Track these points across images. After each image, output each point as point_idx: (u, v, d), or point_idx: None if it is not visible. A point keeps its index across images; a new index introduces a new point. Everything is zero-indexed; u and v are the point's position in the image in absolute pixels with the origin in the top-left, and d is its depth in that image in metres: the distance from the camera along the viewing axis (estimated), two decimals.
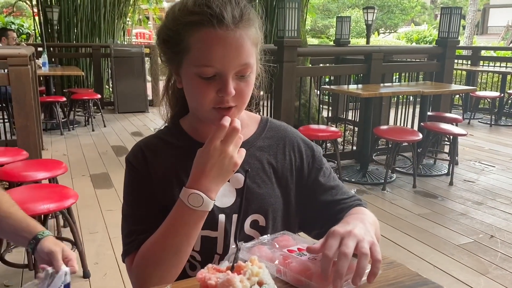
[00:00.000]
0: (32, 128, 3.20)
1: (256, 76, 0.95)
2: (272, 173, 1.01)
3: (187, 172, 0.95)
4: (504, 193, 3.94)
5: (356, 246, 0.74)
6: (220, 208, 0.96)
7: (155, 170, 0.96)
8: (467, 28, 18.94)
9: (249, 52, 0.87)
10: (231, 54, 0.84)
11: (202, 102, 0.88)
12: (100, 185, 3.98)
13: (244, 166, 0.97)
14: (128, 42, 10.62)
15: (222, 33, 0.83)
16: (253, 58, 0.89)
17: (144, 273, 0.89)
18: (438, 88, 4.51)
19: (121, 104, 7.47)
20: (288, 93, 4.23)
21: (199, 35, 0.85)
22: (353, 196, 1.04)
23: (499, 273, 2.60)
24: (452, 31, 4.86)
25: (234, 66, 0.85)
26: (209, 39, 0.84)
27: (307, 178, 1.03)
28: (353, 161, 4.82)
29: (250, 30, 0.87)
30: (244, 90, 0.89)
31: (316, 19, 22.25)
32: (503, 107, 7.38)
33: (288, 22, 4.05)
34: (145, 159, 0.97)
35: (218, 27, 0.83)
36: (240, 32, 0.85)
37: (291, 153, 1.03)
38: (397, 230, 3.16)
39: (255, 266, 0.59)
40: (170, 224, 0.87)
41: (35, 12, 8.60)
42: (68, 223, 2.44)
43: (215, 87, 0.86)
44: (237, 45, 0.85)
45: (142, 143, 1.01)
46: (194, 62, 0.86)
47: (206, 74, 0.85)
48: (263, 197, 0.98)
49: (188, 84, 0.90)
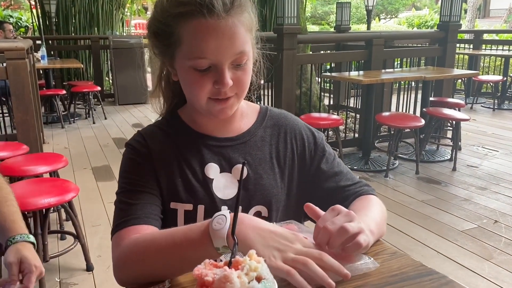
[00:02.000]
0: (32, 122, 3.18)
1: (253, 62, 0.92)
2: (274, 163, 0.99)
3: (188, 162, 0.94)
4: (508, 177, 3.92)
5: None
6: (223, 199, 0.94)
7: (157, 157, 0.93)
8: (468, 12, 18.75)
9: (243, 39, 0.84)
10: (225, 44, 0.81)
11: (199, 94, 0.86)
12: (102, 178, 3.97)
13: (246, 158, 0.97)
14: (127, 33, 10.55)
15: (214, 23, 0.80)
16: (248, 45, 0.86)
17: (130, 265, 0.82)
18: (440, 73, 4.47)
19: (122, 96, 7.44)
20: (289, 81, 4.20)
21: (189, 27, 0.82)
22: (359, 182, 1.02)
23: (503, 258, 2.59)
24: (453, 15, 4.80)
25: (229, 56, 0.83)
26: (201, 30, 0.81)
27: (309, 165, 1.02)
28: (355, 148, 4.79)
29: (242, 16, 0.84)
30: (242, 78, 0.87)
31: (316, 6, 22.05)
32: (506, 91, 7.31)
33: (287, 9, 4.00)
34: (147, 145, 0.94)
35: (209, 17, 0.80)
36: (232, 19, 0.82)
37: (292, 141, 1.01)
38: (400, 217, 3.15)
39: (253, 261, 0.58)
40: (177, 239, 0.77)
41: (33, 4, 8.53)
42: (70, 216, 2.44)
43: (212, 79, 0.84)
44: (230, 33, 0.81)
45: (143, 131, 0.98)
46: (187, 55, 0.83)
47: (201, 66, 0.83)
48: (265, 188, 0.97)
49: (183, 77, 0.88)
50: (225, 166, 0.96)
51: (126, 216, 0.87)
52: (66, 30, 8.39)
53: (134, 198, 0.89)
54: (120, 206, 0.90)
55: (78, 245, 2.48)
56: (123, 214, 0.88)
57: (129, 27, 11.76)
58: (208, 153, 0.95)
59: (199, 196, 0.93)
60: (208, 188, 0.93)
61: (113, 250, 0.86)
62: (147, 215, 0.87)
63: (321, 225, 0.76)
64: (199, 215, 0.93)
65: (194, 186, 0.93)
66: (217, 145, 0.96)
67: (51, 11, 7.84)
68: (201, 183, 0.93)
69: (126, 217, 0.87)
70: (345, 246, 0.74)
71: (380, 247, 0.90)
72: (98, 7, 8.47)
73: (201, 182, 0.93)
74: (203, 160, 0.95)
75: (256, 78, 0.99)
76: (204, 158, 0.95)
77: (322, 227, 0.75)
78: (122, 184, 0.93)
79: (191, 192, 0.93)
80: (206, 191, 0.93)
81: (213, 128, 0.97)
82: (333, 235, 0.73)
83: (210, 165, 0.95)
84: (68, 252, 2.49)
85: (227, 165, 0.96)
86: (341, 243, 0.74)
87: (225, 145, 0.97)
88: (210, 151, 0.96)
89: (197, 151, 0.95)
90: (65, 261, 2.57)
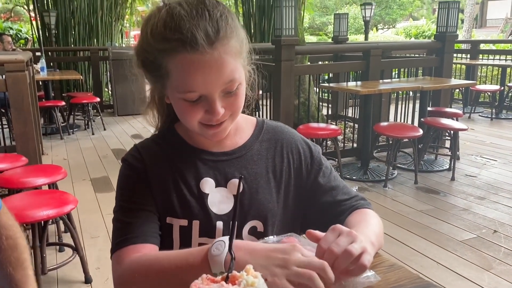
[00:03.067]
0: (31, 134, 3.19)
1: (247, 79, 0.92)
2: (270, 177, 0.99)
3: (183, 177, 0.94)
4: (507, 187, 3.92)
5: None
6: (218, 215, 0.93)
7: (153, 173, 0.93)
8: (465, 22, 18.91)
9: (232, 68, 0.83)
10: (212, 77, 0.81)
11: (191, 121, 0.87)
12: (101, 189, 3.97)
13: (242, 173, 0.96)
14: (126, 44, 10.61)
15: (199, 57, 0.79)
16: (238, 72, 0.84)
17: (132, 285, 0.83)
18: (438, 83, 4.49)
19: (121, 107, 7.46)
20: (287, 92, 4.22)
21: (175, 61, 0.81)
22: (355, 196, 1.01)
23: (503, 269, 2.58)
24: (450, 25, 4.84)
25: (218, 86, 0.82)
26: (187, 65, 0.80)
27: (306, 179, 1.01)
28: (354, 158, 4.80)
29: (229, 45, 0.82)
30: (234, 103, 0.87)
31: (313, 17, 22.22)
32: (503, 101, 7.35)
33: (285, 21, 4.03)
34: (143, 160, 0.94)
35: (192, 52, 0.79)
36: (218, 52, 0.80)
37: (289, 155, 1.01)
38: (399, 227, 3.14)
39: (250, 276, 0.58)
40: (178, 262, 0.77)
41: (33, 17, 8.59)
42: (68, 228, 2.43)
43: (203, 108, 0.84)
44: (217, 66, 0.80)
45: (139, 145, 0.99)
46: (177, 89, 0.84)
47: (191, 98, 0.83)
48: (261, 203, 0.96)
49: (175, 105, 0.88)
50: (220, 181, 0.95)
51: (124, 235, 0.87)
52: (66, 42, 8.43)
53: (131, 216, 0.89)
54: (118, 225, 0.91)
55: (76, 257, 2.48)
56: (121, 232, 0.88)
57: (128, 39, 11.84)
58: (204, 168, 0.95)
59: (194, 211, 0.92)
60: (203, 203, 0.93)
61: (113, 268, 0.87)
62: (145, 233, 0.88)
63: (325, 247, 0.74)
64: (194, 230, 0.92)
65: (189, 201, 0.92)
66: (212, 160, 0.96)
67: (50, 23, 7.90)
68: (196, 198, 0.93)
69: (125, 236, 0.87)
70: (349, 268, 0.74)
71: (378, 260, 0.90)
72: (97, 19, 8.53)
73: (196, 197, 0.93)
74: (198, 175, 0.95)
75: (251, 93, 0.98)
76: (200, 172, 0.95)
77: (327, 248, 0.73)
78: (119, 202, 0.93)
79: (186, 207, 0.92)
80: (201, 206, 0.93)
81: (209, 143, 0.96)
82: (339, 258, 0.72)
83: (205, 180, 0.94)
84: (67, 264, 2.48)
85: (223, 179, 0.95)
86: (346, 265, 0.73)
87: (221, 159, 0.96)
88: (206, 165, 0.96)
89: (193, 166, 0.95)
90: (64, 273, 2.56)
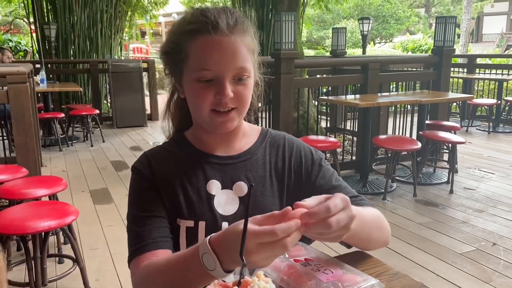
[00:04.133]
0: (31, 145, 3.20)
1: (255, 84, 0.99)
2: (274, 181, 1.02)
3: (190, 180, 0.98)
4: (505, 200, 3.94)
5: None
6: (223, 216, 0.97)
7: (160, 177, 0.98)
8: (462, 37, 19.11)
9: (244, 57, 0.92)
10: (227, 58, 0.90)
11: (201, 105, 0.92)
12: (100, 201, 3.97)
13: (247, 176, 1.00)
14: (126, 57, 10.67)
15: (218, 39, 0.89)
16: (249, 63, 0.93)
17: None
18: (436, 96, 4.53)
19: (120, 119, 7.48)
20: (286, 105, 4.25)
21: (196, 42, 0.91)
22: (358, 196, 1.03)
23: (502, 281, 2.58)
24: (447, 40, 4.90)
25: (230, 69, 0.90)
26: (206, 45, 0.90)
27: (306, 181, 1.04)
28: (353, 171, 4.81)
29: (245, 37, 0.93)
30: (243, 93, 0.92)
31: (311, 31, 22.41)
32: (500, 114, 7.40)
33: (284, 35, 4.08)
34: (150, 165, 0.99)
35: (214, 33, 0.89)
36: (235, 37, 0.90)
37: (291, 159, 1.04)
38: (399, 240, 3.15)
39: (261, 281, 0.59)
40: (183, 263, 0.80)
41: (33, 29, 8.65)
42: (69, 240, 2.42)
43: (214, 90, 0.90)
44: (232, 49, 0.90)
45: (148, 152, 1.04)
46: (193, 67, 0.91)
47: (204, 77, 0.90)
48: (265, 206, 0.99)
49: (189, 91, 0.94)
50: (226, 183, 0.99)
51: (137, 244, 0.93)
52: (66, 54, 8.48)
53: (142, 225, 0.94)
54: (130, 235, 0.96)
55: (76, 268, 2.47)
56: (134, 242, 0.94)
57: (127, 51, 11.90)
58: (210, 171, 1.00)
59: (200, 212, 0.96)
60: (209, 204, 0.97)
61: (131, 277, 0.93)
62: (156, 239, 0.92)
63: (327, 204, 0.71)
64: (200, 231, 0.96)
65: (195, 203, 0.97)
66: (219, 163, 1.01)
67: (51, 36, 7.95)
68: (203, 199, 0.97)
69: (137, 245, 0.92)
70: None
71: (382, 268, 0.91)
72: (97, 32, 8.60)
73: (202, 199, 0.97)
74: (205, 177, 0.99)
75: (256, 100, 1.04)
76: (207, 175, 0.99)
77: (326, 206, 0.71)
78: (131, 211, 0.98)
79: (192, 209, 0.96)
80: (208, 207, 0.97)
81: (216, 146, 1.02)
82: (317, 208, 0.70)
83: (212, 182, 0.99)
84: (67, 275, 2.47)
85: (229, 182, 1.00)
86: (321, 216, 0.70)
87: (227, 163, 1.01)
88: (212, 168, 1.00)
89: (200, 169, 1.00)
90: (63, 285, 2.54)
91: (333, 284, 0.75)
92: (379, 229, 0.96)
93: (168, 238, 0.94)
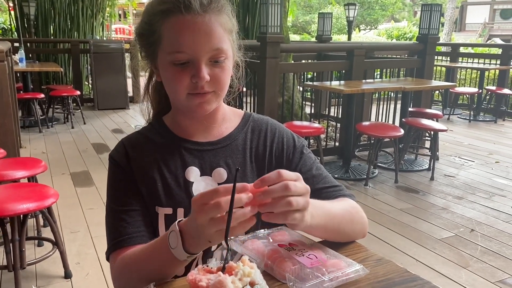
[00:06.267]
0: (10, 126, 3.12)
1: (235, 65, 0.96)
2: (254, 166, 1.00)
3: (168, 167, 0.96)
4: (483, 187, 4.02)
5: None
6: None
7: (137, 166, 0.95)
8: (445, 25, 19.26)
9: (220, 37, 0.87)
10: (202, 39, 0.85)
11: (178, 89, 0.88)
12: (81, 184, 3.91)
13: (227, 162, 0.98)
14: (107, 37, 10.46)
15: (190, 19, 0.85)
16: (226, 44, 0.88)
17: (125, 278, 0.90)
18: (419, 84, 4.57)
19: (101, 101, 7.35)
20: (272, 90, 4.22)
21: (168, 23, 0.86)
22: (338, 185, 1.02)
23: (479, 266, 2.64)
24: (432, 28, 4.93)
25: (205, 51, 0.86)
26: (178, 25, 0.85)
27: (286, 168, 1.00)
28: (336, 157, 4.85)
29: (220, 16, 0.88)
30: (220, 75, 0.89)
31: (297, 15, 22.30)
32: (481, 103, 7.51)
33: (270, 18, 4.04)
34: (127, 155, 0.96)
35: (186, 13, 0.84)
36: (209, 16, 0.86)
37: (272, 144, 1.02)
38: (380, 225, 3.19)
39: (246, 266, 0.58)
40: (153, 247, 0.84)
41: (11, 6, 8.39)
42: (49, 222, 2.39)
43: (189, 73, 0.87)
44: (206, 29, 0.85)
45: (125, 140, 1.00)
46: (167, 49, 0.87)
47: (179, 60, 0.86)
48: None
49: (164, 74, 0.91)
50: (205, 170, 0.97)
51: (114, 239, 0.92)
52: (46, 33, 8.26)
53: (118, 219, 0.93)
54: (108, 228, 0.95)
55: (56, 252, 2.44)
56: (112, 236, 0.93)
57: (109, 32, 11.66)
58: (189, 157, 0.97)
59: (178, 199, 0.94)
60: (187, 191, 0.95)
61: (110, 271, 0.93)
62: (131, 234, 0.91)
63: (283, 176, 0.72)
64: (178, 218, 0.92)
65: (173, 190, 0.95)
66: (198, 149, 0.98)
67: (30, 13, 7.72)
68: (181, 186, 0.95)
69: (114, 240, 0.92)
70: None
71: (366, 254, 0.91)
72: (78, 11, 8.38)
73: (181, 186, 0.95)
74: (184, 164, 0.97)
75: (237, 82, 1.01)
76: (186, 161, 0.97)
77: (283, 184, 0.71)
78: (109, 203, 0.96)
79: (170, 196, 0.94)
80: (186, 194, 0.95)
81: (195, 132, 0.99)
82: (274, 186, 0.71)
83: (190, 169, 0.96)
84: (46, 259, 2.44)
85: (208, 168, 0.97)
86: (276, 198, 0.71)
87: (206, 149, 0.98)
88: (191, 155, 0.97)
89: (179, 155, 0.97)
90: (43, 268, 2.51)
91: (317, 269, 0.74)
92: (350, 222, 0.94)
93: (145, 232, 0.92)
